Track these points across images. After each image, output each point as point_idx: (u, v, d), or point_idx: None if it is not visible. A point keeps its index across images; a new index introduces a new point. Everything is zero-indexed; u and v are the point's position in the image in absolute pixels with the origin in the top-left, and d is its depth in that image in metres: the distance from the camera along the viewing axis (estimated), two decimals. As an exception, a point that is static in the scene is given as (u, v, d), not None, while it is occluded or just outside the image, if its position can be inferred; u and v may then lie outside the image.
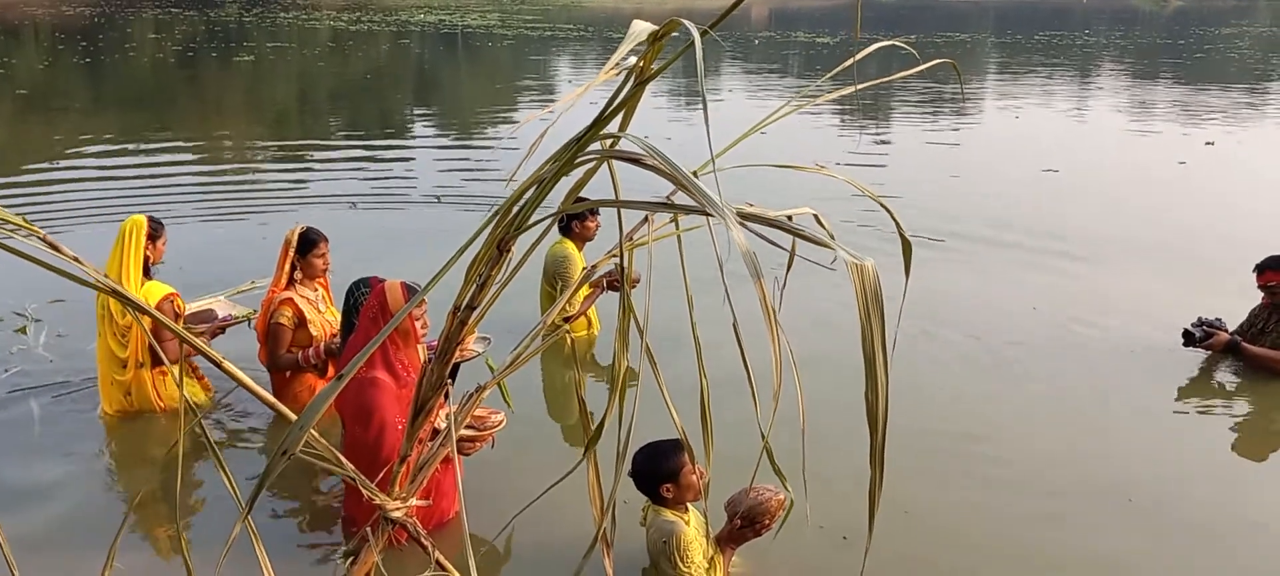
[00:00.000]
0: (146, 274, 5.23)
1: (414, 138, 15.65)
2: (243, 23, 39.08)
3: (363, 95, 21.32)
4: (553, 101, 20.70)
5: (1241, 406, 5.87)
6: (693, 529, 3.75)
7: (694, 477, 3.66)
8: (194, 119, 17.54)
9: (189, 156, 13.77)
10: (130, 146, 14.11)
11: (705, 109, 1.46)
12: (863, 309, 1.45)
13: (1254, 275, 6.21)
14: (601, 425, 2.22)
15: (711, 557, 3.78)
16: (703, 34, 1.42)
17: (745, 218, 1.58)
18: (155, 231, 5.28)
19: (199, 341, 1.95)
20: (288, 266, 5.33)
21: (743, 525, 3.74)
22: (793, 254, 1.98)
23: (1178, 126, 17.12)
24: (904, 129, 16.12)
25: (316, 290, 5.48)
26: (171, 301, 5.21)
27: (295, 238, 5.33)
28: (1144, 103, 21.39)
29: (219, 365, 2.06)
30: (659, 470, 3.70)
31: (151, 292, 5.16)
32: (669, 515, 3.75)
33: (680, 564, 3.69)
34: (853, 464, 2.21)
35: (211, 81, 23.46)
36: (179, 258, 8.14)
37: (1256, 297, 6.31)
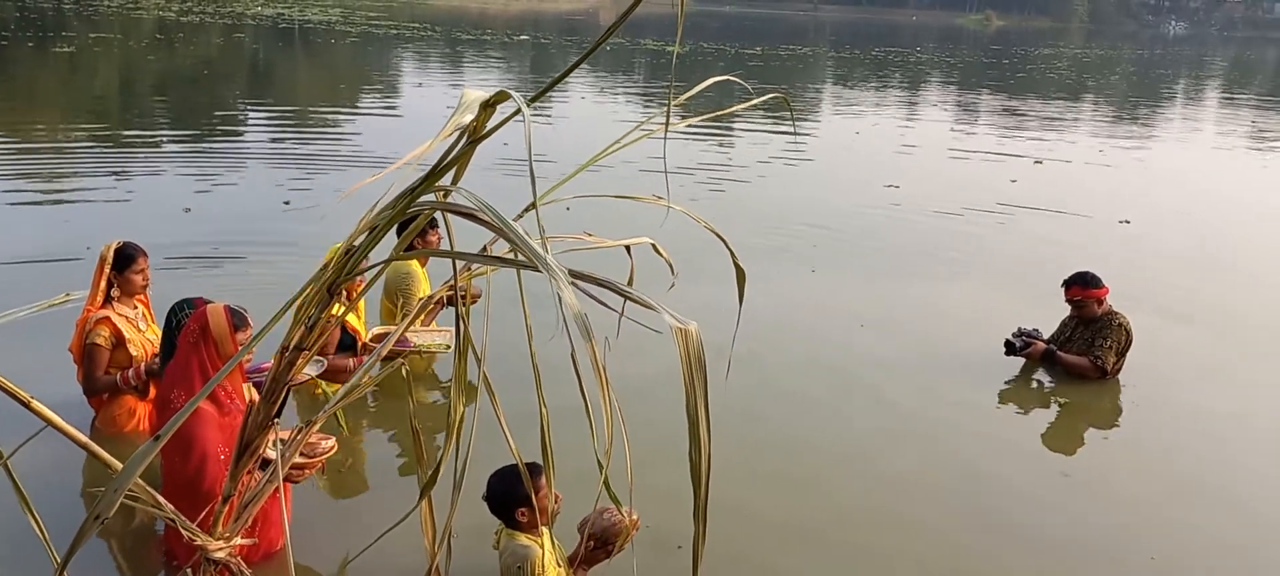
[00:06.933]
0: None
1: (250, 140, 14.99)
2: (62, 10, 36.75)
3: (193, 91, 20.35)
4: (398, 103, 20.28)
5: (1054, 407, 6.36)
6: (547, 552, 3.72)
7: (549, 501, 3.62)
8: (3, 109, 16.38)
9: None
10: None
11: (532, 179, 1.46)
12: (687, 372, 1.47)
13: (1062, 290, 6.73)
14: (436, 471, 2.19)
15: (564, 579, 3.77)
16: (530, 103, 1.42)
17: (577, 278, 1.58)
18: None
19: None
20: (103, 283, 5.04)
21: (595, 546, 3.74)
22: (622, 315, 2.00)
23: (1009, 144, 18.14)
24: (747, 149, 16.39)
25: (136, 308, 5.21)
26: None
27: (111, 254, 5.05)
28: (977, 120, 22.71)
29: (26, 405, 1.93)
30: (515, 493, 3.62)
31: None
32: (523, 539, 3.69)
33: (535, 588, 3.65)
34: (685, 473, 2.26)
35: (24, 71, 21.93)
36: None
37: (1066, 310, 6.84)
